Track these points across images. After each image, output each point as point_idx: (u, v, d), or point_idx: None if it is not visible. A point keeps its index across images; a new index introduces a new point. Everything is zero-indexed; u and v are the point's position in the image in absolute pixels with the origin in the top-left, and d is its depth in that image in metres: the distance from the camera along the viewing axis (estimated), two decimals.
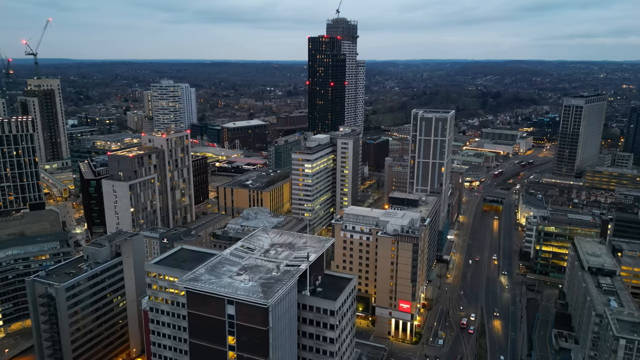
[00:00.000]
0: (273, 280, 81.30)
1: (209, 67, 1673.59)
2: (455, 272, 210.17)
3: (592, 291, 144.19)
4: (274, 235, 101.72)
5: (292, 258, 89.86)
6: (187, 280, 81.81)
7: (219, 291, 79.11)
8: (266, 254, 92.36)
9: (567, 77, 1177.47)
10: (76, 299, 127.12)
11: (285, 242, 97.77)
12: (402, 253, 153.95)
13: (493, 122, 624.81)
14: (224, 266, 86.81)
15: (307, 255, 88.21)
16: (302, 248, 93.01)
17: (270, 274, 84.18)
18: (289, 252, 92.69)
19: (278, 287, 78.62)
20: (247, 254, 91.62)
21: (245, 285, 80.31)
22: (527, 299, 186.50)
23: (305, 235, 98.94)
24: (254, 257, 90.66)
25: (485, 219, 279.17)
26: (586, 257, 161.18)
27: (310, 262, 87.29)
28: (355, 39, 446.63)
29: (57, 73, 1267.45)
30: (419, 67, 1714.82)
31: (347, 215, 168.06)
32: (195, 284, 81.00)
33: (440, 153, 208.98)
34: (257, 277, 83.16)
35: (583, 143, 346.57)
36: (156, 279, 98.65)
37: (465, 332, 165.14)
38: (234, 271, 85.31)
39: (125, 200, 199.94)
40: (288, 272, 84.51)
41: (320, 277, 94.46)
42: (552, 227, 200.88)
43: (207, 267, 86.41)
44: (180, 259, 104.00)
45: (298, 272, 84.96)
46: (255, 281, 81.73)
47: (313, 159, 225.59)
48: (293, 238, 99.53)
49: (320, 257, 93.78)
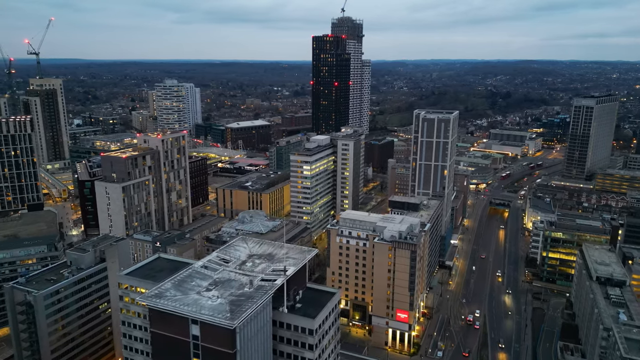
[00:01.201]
0: (244, 298, 75.03)
1: (218, 67, 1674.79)
2: (458, 279, 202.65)
3: (600, 303, 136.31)
4: (254, 245, 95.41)
5: (270, 271, 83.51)
6: (150, 297, 75.81)
7: (182, 310, 72.85)
8: (242, 267, 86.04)
9: (579, 77, 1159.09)
10: (56, 307, 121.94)
11: (264, 252, 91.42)
12: (399, 260, 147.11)
13: (502, 123, 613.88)
14: (193, 280, 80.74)
15: (285, 268, 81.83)
16: (282, 260, 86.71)
17: (242, 289, 77.87)
18: (266, 265, 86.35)
19: (248, 306, 72.33)
20: (221, 266, 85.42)
21: (212, 303, 74.13)
22: (533, 308, 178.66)
23: (287, 245, 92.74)
24: (228, 270, 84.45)
25: (491, 223, 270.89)
26: (594, 266, 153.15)
27: (287, 276, 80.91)
28: (360, 38, 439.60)
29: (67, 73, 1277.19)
30: (428, 67, 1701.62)
31: (343, 219, 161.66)
32: (157, 301, 74.93)
33: (443, 155, 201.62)
34: (228, 293, 76.92)
35: (594, 145, 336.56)
36: (128, 291, 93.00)
37: (467, 337, 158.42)
38: (204, 286, 79.20)
39: (118, 202, 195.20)
40: (262, 288, 78.21)
41: (302, 291, 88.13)
42: (560, 233, 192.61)
43: (174, 281, 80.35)
44: (156, 269, 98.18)
45: (273, 287, 78.58)
46: (225, 298, 75.51)
47: (312, 160, 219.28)
48: (273, 248, 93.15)
49: (302, 270, 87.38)
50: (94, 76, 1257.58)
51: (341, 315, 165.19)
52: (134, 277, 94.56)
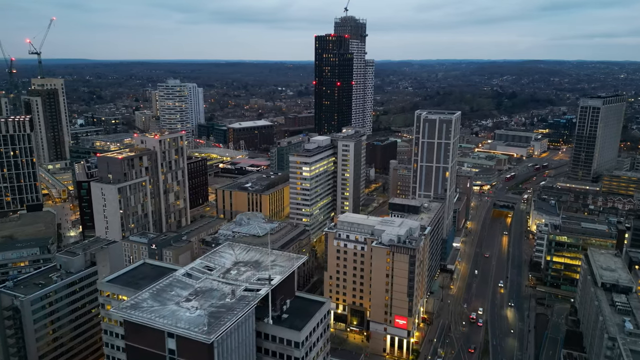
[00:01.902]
0: (224, 309, 71.40)
1: (223, 67, 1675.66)
2: (460, 283, 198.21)
3: (605, 310, 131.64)
4: (240, 251, 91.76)
5: (254, 280, 79.83)
6: (125, 308, 72.37)
7: (158, 322, 69.17)
8: (225, 275, 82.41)
9: (587, 77, 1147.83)
10: (44, 312, 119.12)
11: (251, 260, 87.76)
12: (397, 265, 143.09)
13: (507, 123, 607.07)
14: (172, 290, 77.22)
15: (269, 277, 78.05)
16: (268, 267, 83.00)
17: (224, 300, 74.22)
18: (252, 273, 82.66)
19: (227, 319, 68.66)
20: (204, 274, 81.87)
21: (190, 314, 70.52)
22: (536, 314, 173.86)
23: (275, 252, 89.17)
24: (211, 278, 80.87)
25: (495, 225, 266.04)
26: (599, 272, 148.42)
27: (272, 285, 77.22)
28: (364, 38, 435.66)
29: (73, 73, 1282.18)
30: (434, 67, 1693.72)
31: (341, 222, 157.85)
32: (132, 312, 71.41)
33: (445, 157, 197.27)
34: (208, 304, 73.32)
35: (600, 146, 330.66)
36: (109, 298, 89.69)
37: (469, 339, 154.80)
38: (183, 296, 75.61)
39: (114, 203, 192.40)
40: (244, 299, 74.54)
41: (290, 300, 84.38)
42: (564, 236, 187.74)
43: (153, 290, 76.91)
44: (140, 276, 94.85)
45: (256, 298, 74.86)
46: (204, 309, 71.90)
47: (311, 161, 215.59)
48: (261, 255, 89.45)
49: (289, 278, 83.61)
50: (99, 76, 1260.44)
51: (339, 321, 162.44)
52: (115, 284, 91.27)
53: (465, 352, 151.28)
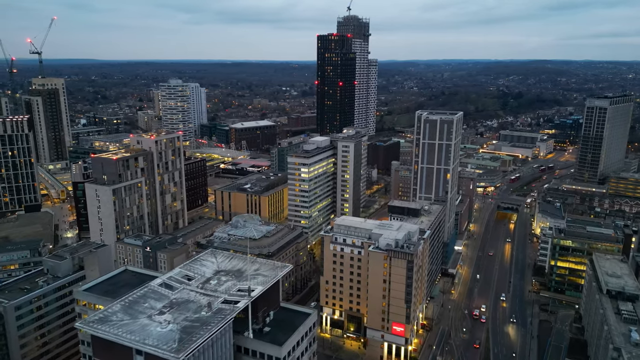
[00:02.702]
0: (198, 324, 67.35)
1: (229, 67, 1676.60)
2: (462, 288, 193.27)
3: (611, 319, 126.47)
4: (223, 259, 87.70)
5: (234, 291, 75.70)
6: (92, 322, 68.42)
7: (126, 338, 65.10)
8: (205, 285, 78.33)
9: (594, 77, 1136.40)
10: (28, 318, 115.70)
11: (233, 268, 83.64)
12: (395, 270, 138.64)
13: (513, 124, 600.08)
14: (146, 301, 73.31)
15: (249, 288, 73.72)
16: (251, 277, 78.89)
17: (199, 313, 70.18)
18: (233, 283, 78.56)
19: (200, 335, 64.55)
20: (182, 284, 77.88)
21: (161, 330, 66.47)
22: (540, 320, 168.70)
23: (259, 260, 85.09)
24: (189, 288, 76.86)
25: (499, 228, 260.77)
26: (605, 278, 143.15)
27: (252, 297, 73.06)
28: (367, 37, 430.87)
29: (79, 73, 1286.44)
30: (440, 67, 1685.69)
31: (337, 226, 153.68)
32: (99, 327, 67.41)
33: (446, 158, 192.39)
34: (182, 317, 69.27)
35: (607, 147, 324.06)
36: (86, 308, 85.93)
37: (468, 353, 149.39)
38: (157, 309, 71.63)
39: (109, 205, 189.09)
40: (221, 312, 70.48)
41: (274, 311, 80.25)
42: (569, 241, 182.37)
43: (125, 302, 73.00)
44: (120, 284, 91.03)
45: (233, 312, 70.67)
46: (177, 324, 67.85)
47: (310, 162, 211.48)
48: (244, 264, 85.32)
49: (273, 289, 79.43)
50: (105, 76, 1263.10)
51: (335, 327, 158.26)
52: (93, 293, 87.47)
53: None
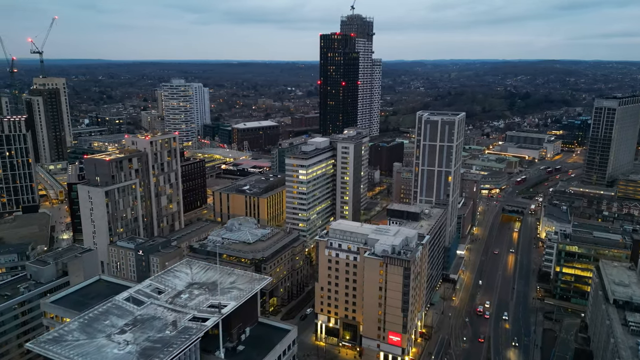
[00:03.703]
0: (160, 345, 62.26)
1: (235, 67, 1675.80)
2: (463, 294, 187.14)
3: (617, 330, 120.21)
4: (198, 270, 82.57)
5: (205, 307, 70.55)
6: (44, 342, 63.53)
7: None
8: (174, 299, 73.23)
9: (603, 77, 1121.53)
10: (8, 326, 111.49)
11: (208, 281, 78.50)
12: (391, 278, 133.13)
13: (520, 125, 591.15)
14: (108, 318, 68.40)
15: (222, 304, 68.19)
16: (226, 290, 73.76)
17: (164, 332, 65.10)
18: (205, 297, 73.44)
19: (159, 358, 59.34)
20: (150, 298, 72.89)
21: (118, 352, 61.40)
22: (544, 329, 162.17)
23: (237, 272, 79.87)
24: (157, 303, 71.83)
25: (503, 231, 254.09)
26: (612, 287, 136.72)
27: (222, 314, 67.87)
28: (371, 37, 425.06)
29: (86, 73, 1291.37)
30: (447, 67, 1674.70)
31: (333, 230, 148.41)
32: (51, 347, 62.33)
33: (447, 160, 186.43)
34: (144, 337, 64.19)
35: (616, 148, 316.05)
36: (54, 321, 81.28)
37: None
38: (118, 326, 66.63)
39: (101, 207, 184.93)
40: (187, 331, 65.33)
41: (251, 327, 75.09)
42: (575, 246, 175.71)
43: (84, 319, 68.10)
44: (91, 295, 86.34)
45: (200, 331, 65.42)
46: (138, 344, 62.83)
47: (308, 164, 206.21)
48: (220, 275, 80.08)
49: (250, 303, 74.24)
50: (111, 76, 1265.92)
51: (331, 335, 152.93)
52: (61, 305, 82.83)
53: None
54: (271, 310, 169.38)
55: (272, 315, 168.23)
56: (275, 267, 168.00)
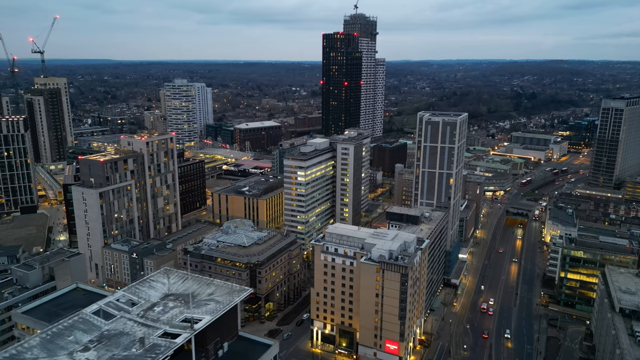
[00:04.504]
0: None
1: (241, 67, 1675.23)
2: (465, 300, 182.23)
3: (623, 341, 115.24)
4: (176, 280, 78.24)
5: (179, 321, 66.24)
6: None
7: None
8: (147, 313, 68.89)
9: (612, 77, 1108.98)
10: None
11: (185, 291, 74.17)
12: (388, 284, 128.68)
13: (526, 125, 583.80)
14: (72, 333, 64.32)
15: (195, 319, 63.64)
16: (203, 302, 69.49)
17: (130, 350, 60.93)
18: (180, 310, 69.15)
19: None
20: (121, 311, 68.78)
21: None
22: (547, 337, 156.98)
23: (216, 282, 75.66)
24: (127, 317, 67.61)
25: (507, 234, 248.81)
26: (618, 295, 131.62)
27: (195, 330, 63.62)
28: (374, 36, 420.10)
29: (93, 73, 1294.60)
30: (453, 67, 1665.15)
31: (329, 234, 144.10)
32: None
33: (449, 162, 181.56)
34: (108, 355, 59.87)
35: (624, 150, 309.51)
36: (25, 332, 77.54)
37: None
38: (83, 343, 62.43)
39: (96, 208, 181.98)
40: (154, 349, 61.00)
41: (230, 342, 70.86)
42: (580, 251, 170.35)
43: (47, 334, 63.98)
44: (66, 304, 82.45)
45: (169, 348, 60.99)
46: None
47: (307, 165, 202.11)
48: (198, 286, 75.73)
49: (229, 316, 69.87)
50: (117, 76, 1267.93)
51: (327, 342, 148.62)
52: (32, 316, 78.98)
53: None
54: (267, 315, 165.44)
55: (268, 320, 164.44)
56: (271, 272, 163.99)
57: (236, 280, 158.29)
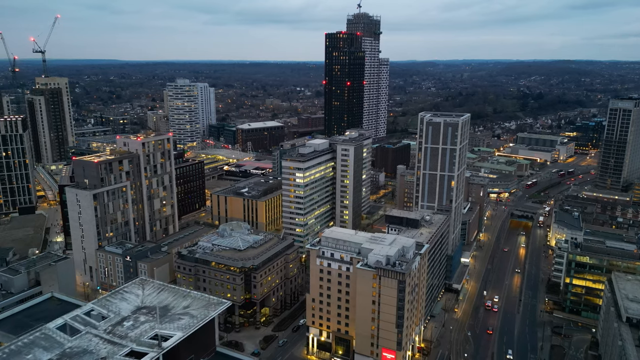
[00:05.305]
0: None
1: (247, 67, 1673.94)
2: (466, 305, 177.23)
3: (630, 353, 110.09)
4: (151, 291, 74.08)
5: (148, 337, 62.16)
6: None
7: None
8: (115, 328, 64.80)
9: (620, 77, 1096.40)
10: None
11: (159, 304, 69.99)
12: (385, 291, 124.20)
13: (532, 126, 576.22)
14: (31, 351, 60.33)
15: (163, 337, 59.54)
16: (176, 317, 65.28)
17: None
18: (151, 325, 65.02)
19: None
20: (87, 326, 64.70)
21: None
22: (551, 345, 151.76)
23: (193, 294, 71.57)
24: (93, 332, 63.61)
25: (512, 238, 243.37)
26: (625, 303, 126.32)
27: (163, 349, 59.48)
28: (378, 36, 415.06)
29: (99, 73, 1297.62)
30: (459, 67, 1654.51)
31: (325, 238, 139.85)
32: None
33: (450, 164, 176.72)
34: None
35: (632, 151, 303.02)
36: None
37: None
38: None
39: (89, 210, 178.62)
40: None
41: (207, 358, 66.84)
42: (586, 257, 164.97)
43: (5, 352, 59.93)
44: (38, 315, 78.52)
45: None
46: None
47: (305, 167, 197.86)
48: (174, 298, 71.53)
49: (205, 330, 65.78)
50: (123, 76, 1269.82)
51: (323, 349, 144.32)
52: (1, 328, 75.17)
53: None
54: (262, 320, 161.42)
55: (264, 326, 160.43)
56: (267, 276, 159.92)
57: (231, 285, 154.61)
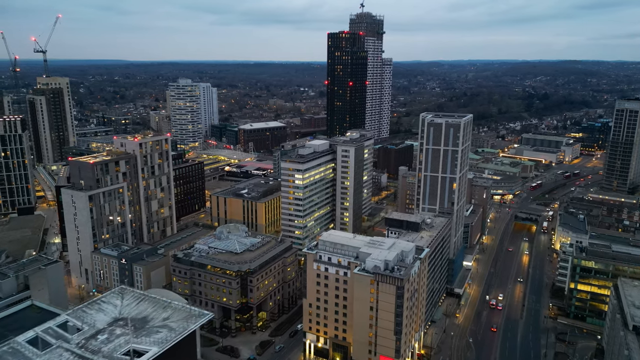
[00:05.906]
0: None
1: (251, 67, 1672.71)
2: (468, 310, 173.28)
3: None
4: (130, 302, 70.73)
5: (122, 353, 58.84)
6: None
7: None
8: (88, 342, 61.48)
9: (626, 78, 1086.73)
10: None
11: (138, 315, 66.77)
12: (383, 297, 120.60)
13: (537, 127, 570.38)
14: None
15: (137, 352, 56.37)
16: (154, 330, 62.02)
17: None
18: (127, 339, 61.70)
19: None
20: (59, 339, 61.55)
21: None
22: (555, 352, 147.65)
23: (174, 304, 68.33)
24: (65, 347, 60.35)
25: (516, 241, 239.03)
26: (631, 311, 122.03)
27: None
28: (381, 35, 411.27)
29: (104, 73, 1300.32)
30: (464, 67, 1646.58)
31: (322, 242, 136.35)
32: None
33: (452, 166, 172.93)
34: None
35: (638, 153, 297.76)
36: None
37: None
38: None
39: (85, 212, 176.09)
40: None
41: None
42: (591, 261, 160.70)
43: None
44: (15, 325, 75.23)
45: None
46: None
47: (304, 168, 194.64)
48: (154, 309, 68.26)
49: (186, 344, 62.52)
50: (128, 76, 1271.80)
51: (320, 355, 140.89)
52: None
53: None
54: (259, 325, 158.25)
55: (260, 330, 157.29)
56: (264, 280, 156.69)
57: (227, 289, 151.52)
